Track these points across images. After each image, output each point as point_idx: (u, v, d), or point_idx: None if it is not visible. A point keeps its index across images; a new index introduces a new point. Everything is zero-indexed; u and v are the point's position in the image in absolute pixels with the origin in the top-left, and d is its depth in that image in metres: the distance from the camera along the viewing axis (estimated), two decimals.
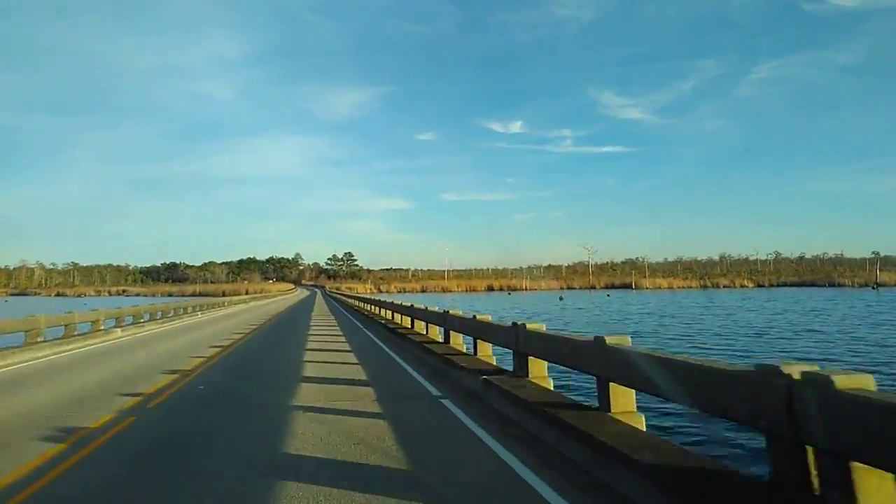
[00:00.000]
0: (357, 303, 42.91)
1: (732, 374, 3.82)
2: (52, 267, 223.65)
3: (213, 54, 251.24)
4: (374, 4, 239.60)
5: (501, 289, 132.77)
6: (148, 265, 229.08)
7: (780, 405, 3.35)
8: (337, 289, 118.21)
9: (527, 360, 8.08)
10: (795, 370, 3.36)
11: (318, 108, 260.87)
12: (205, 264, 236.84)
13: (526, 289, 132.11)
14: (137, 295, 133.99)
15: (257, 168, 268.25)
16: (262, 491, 4.54)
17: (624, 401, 5.63)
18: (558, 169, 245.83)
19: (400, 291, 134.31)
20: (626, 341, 5.63)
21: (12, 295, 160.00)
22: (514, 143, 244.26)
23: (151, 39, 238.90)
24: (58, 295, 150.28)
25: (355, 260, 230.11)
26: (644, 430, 5.33)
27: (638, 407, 5.72)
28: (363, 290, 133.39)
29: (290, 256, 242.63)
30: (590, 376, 6.18)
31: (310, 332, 21.56)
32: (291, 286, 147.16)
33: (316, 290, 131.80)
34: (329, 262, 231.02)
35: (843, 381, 3.09)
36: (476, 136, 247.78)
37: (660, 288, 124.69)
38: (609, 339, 5.62)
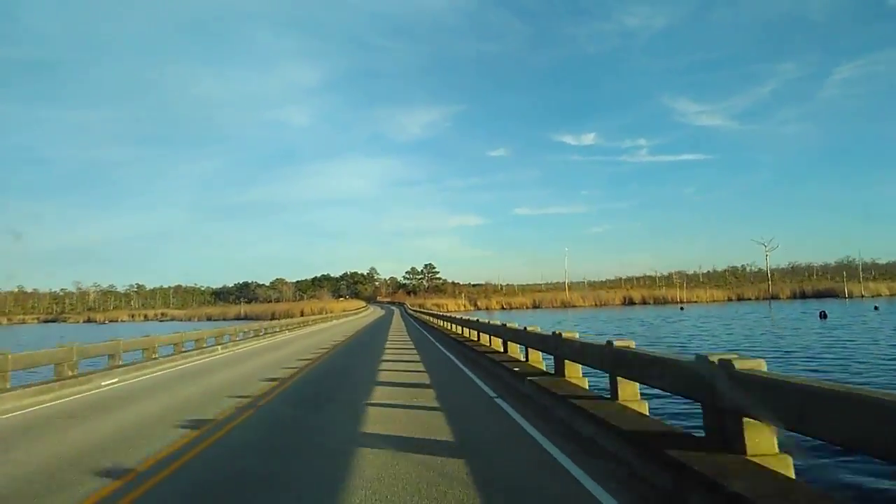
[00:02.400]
0: (489, 341, 15.29)
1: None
2: (110, 289, 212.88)
3: (291, 83, 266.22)
4: (443, 26, 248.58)
5: (646, 301, 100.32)
6: (219, 286, 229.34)
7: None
8: (420, 306, 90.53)
9: None
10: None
11: (392, 130, 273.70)
12: (273, 282, 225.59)
13: (682, 301, 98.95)
14: (171, 319, 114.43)
15: (333, 191, 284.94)
16: None
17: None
18: (634, 179, 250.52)
19: (503, 308, 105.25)
20: None
21: (45, 321, 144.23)
22: (587, 154, 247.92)
23: (233, 72, 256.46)
24: (87, 321, 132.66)
25: (437, 272, 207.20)
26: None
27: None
28: (454, 306, 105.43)
29: (365, 271, 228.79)
30: None
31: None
32: (363, 304, 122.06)
33: (393, 308, 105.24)
34: (407, 275, 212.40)
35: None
36: (548, 149, 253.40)
37: (879, 294, 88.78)
38: None
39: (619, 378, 7.13)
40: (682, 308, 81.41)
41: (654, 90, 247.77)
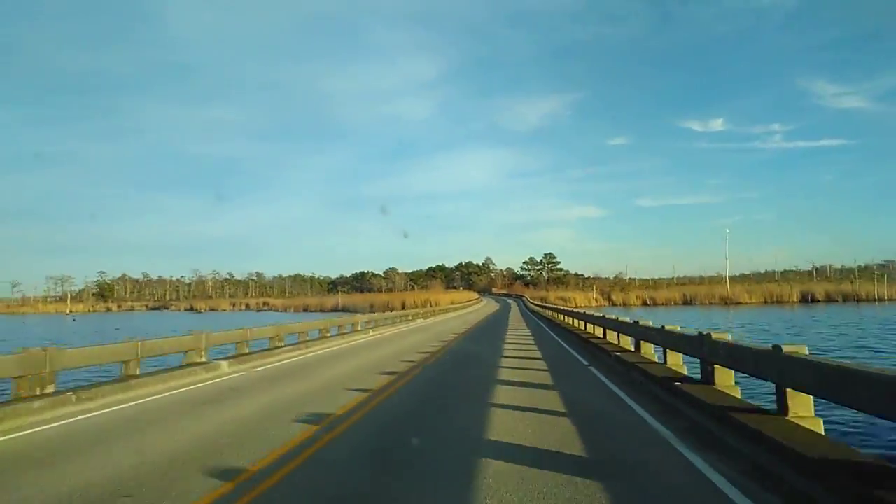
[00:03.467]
0: None
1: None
2: (228, 277, 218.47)
3: (410, 76, 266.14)
4: (561, 11, 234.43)
5: (831, 298, 78.74)
6: (337, 276, 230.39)
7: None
8: (542, 300, 76.13)
9: None
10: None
11: (509, 120, 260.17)
12: (386, 272, 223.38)
13: (883, 298, 76.63)
14: (269, 309, 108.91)
15: (449, 183, 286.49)
16: None
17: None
18: (767, 167, 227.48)
19: (646, 304, 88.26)
20: None
21: (152, 308, 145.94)
22: (715, 141, 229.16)
23: (355, 68, 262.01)
24: (189, 310, 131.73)
25: (558, 262, 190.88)
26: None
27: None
28: (583, 301, 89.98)
29: (480, 262, 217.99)
30: None
31: None
32: (475, 296, 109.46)
33: (509, 301, 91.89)
34: (525, 266, 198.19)
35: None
36: (672, 136, 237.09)
37: None
38: None
39: None
40: None
41: (788, 71, 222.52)
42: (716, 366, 8.47)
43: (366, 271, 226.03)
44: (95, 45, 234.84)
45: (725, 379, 8.40)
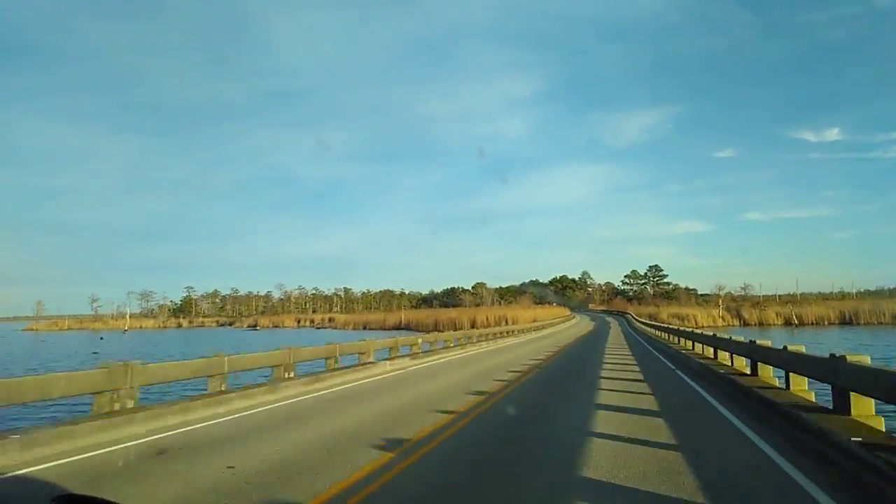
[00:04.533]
0: None
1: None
2: (315, 292, 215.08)
3: (506, 95, 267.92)
4: (662, 24, 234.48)
5: None
6: (427, 292, 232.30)
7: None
8: (651, 317, 58.72)
9: None
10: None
11: (608, 136, 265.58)
12: (474, 286, 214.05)
13: None
14: (329, 327, 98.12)
15: (546, 199, 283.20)
16: None
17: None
18: (889, 177, 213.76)
19: (791, 324, 68.42)
20: None
21: (221, 324, 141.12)
22: (830, 152, 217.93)
23: (452, 88, 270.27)
24: (251, 327, 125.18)
25: (665, 275, 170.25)
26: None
27: None
28: (705, 319, 71.48)
29: (577, 276, 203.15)
30: None
31: None
32: (566, 314, 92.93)
33: (608, 319, 75.25)
34: (626, 280, 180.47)
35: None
36: (783, 147, 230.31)
37: None
38: None
39: None
40: None
41: None
42: None
43: (456, 287, 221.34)
44: (213, 75, 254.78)
45: None
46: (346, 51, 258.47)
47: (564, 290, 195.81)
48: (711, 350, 19.06)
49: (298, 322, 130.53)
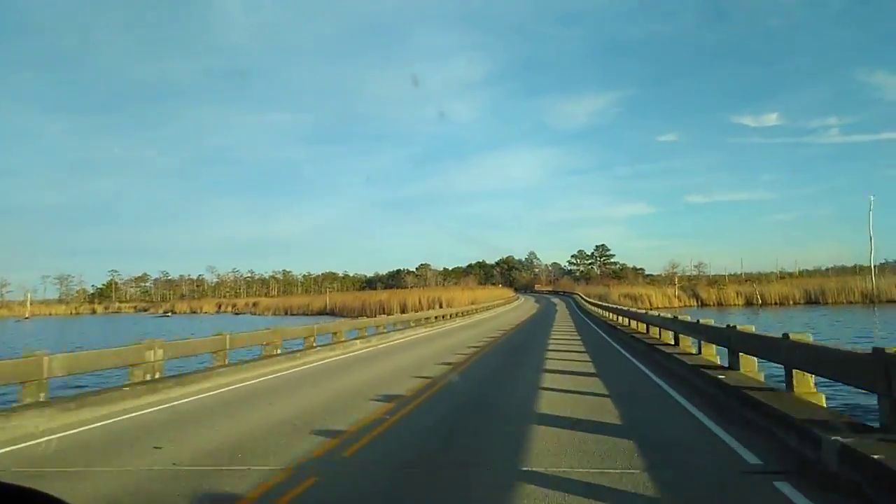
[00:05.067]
0: None
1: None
2: (249, 276, 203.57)
3: (457, 78, 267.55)
4: (611, 9, 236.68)
5: None
6: (372, 274, 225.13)
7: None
8: (601, 298, 52.07)
9: None
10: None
11: (556, 119, 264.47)
12: (419, 268, 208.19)
13: None
14: (247, 313, 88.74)
15: (495, 182, 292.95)
16: None
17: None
18: (824, 162, 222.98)
19: (753, 304, 63.45)
20: None
21: (139, 311, 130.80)
22: (769, 136, 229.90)
23: (402, 70, 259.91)
24: (165, 314, 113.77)
25: (612, 255, 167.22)
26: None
27: None
28: (660, 300, 65.60)
29: (523, 257, 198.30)
30: None
31: None
32: (510, 295, 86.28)
33: (554, 301, 68.92)
34: (573, 260, 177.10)
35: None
36: (724, 132, 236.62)
37: None
38: None
39: None
40: None
41: (846, 64, 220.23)
42: None
43: (402, 269, 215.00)
44: (152, 53, 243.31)
45: None
46: (292, 29, 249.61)
47: (510, 271, 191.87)
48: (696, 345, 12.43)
49: (220, 307, 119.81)
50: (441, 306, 55.09)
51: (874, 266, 60.85)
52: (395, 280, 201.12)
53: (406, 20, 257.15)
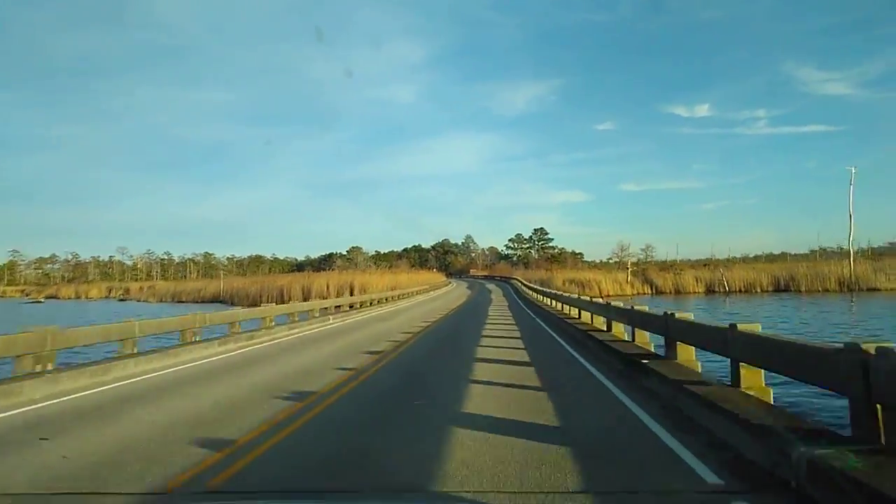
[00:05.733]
0: None
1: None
2: (165, 258, 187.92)
3: (397, 60, 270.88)
4: None
5: None
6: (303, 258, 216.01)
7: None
8: (544, 283, 43.77)
9: None
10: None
11: (496, 105, 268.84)
12: (349, 250, 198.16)
13: None
14: (132, 299, 76.38)
15: (435, 167, 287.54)
16: None
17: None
18: (752, 153, 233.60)
19: (713, 291, 56.53)
20: None
21: (26, 295, 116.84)
22: (700, 127, 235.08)
23: (342, 52, 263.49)
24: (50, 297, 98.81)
25: (550, 239, 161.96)
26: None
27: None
28: (610, 286, 57.82)
29: (460, 241, 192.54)
30: None
31: None
32: (440, 280, 78.21)
33: (489, 287, 60.69)
34: (511, 244, 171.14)
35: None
36: (658, 122, 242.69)
37: None
38: None
39: None
40: None
41: (775, 57, 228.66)
42: None
43: (334, 252, 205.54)
44: (85, 27, 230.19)
45: None
46: (230, 7, 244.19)
47: (446, 255, 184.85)
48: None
49: (109, 292, 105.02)
50: (353, 293, 45.04)
51: (852, 250, 54.44)
52: (325, 264, 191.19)
53: (346, 1, 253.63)
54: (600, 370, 10.69)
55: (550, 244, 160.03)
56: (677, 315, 9.57)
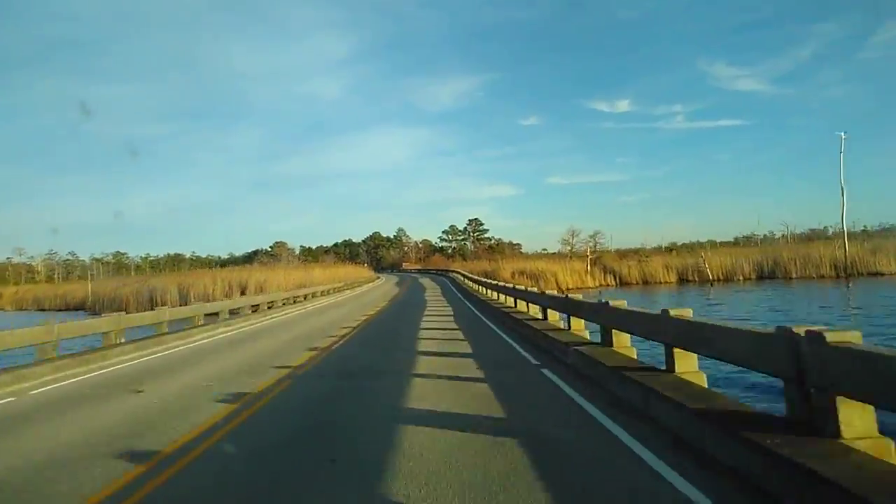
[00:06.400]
0: None
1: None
2: (69, 259, 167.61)
3: (320, 55, 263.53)
4: None
5: None
6: (227, 255, 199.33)
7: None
8: (487, 275, 34.91)
9: None
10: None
11: (423, 100, 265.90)
12: (273, 245, 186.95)
13: None
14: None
15: (364, 162, 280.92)
16: None
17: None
18: (670, 147, 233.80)
19: (687, 280, 48.81)
20: None
21: None
22: (621, 122, 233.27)
23: (261, 45, 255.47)
24: None
25: (486, 230, 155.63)
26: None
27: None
28: (568, 278, 49.17)
29: (391, 234, 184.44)
30: None
31: None
32: (366, 275, 68.39)
33: (423, 284, 50.99)
34: (445, 235, 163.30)
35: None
36: (581, 117, 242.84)
37: None
38: None
39: None
40: None
41: (690, 55, 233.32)
42: None
43: (259, 249, 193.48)
44: None
45: None
46: None
47: (377, 249, 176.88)
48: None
49: None
50: (244, 293, 34.44)
51: (845, 228, 47.58)
52: (250, 261, 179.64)
53: None
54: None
55: (485, 235, 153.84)
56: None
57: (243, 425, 6.68)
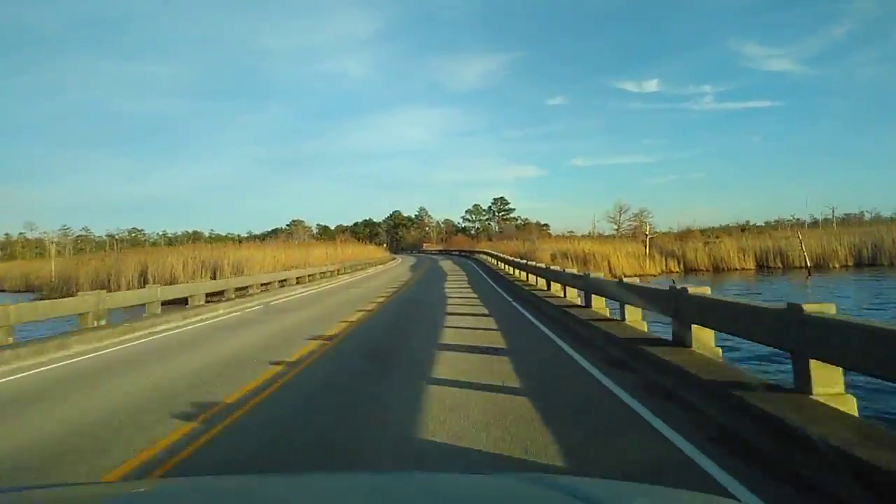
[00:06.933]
0: None
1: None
2: (83, 235, 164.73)
3: (347, 33, 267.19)
4: None
5: None
6: (245, 234, 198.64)
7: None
8: (522, 256, 27.06)
9: None
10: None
11: (449, 79, 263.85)
12: (290, 224, 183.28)
13: None
14: None
15: (388, 142, 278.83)
16: None
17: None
18: (699, 128, 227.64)
19: (763, 269, 40.25)
20: None
21: None
22: (649, 102, 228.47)
23: (289, 24, 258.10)
24: None
25: (511, 209, 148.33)
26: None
27: None
28: (623, 262, 41.18)
29: (413, 214, 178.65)
30: None
31: None
32: (378, 256, 61.05)
33: (440, 265, 43.11)
34: (468, 215, 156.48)
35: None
36: (608, 97, 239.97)
37: None
38: None
39: None
40: None
41: (721, 33, 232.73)
42: None
43: (278, 228, 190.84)
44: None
45: None
46: None
47: (397, 229, 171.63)
48: None
49: None
50: (216, 275, 27.12)
51: None
52: (269, 239, 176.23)
53: None
54: None
55: (511, 215, 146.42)
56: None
57: None
